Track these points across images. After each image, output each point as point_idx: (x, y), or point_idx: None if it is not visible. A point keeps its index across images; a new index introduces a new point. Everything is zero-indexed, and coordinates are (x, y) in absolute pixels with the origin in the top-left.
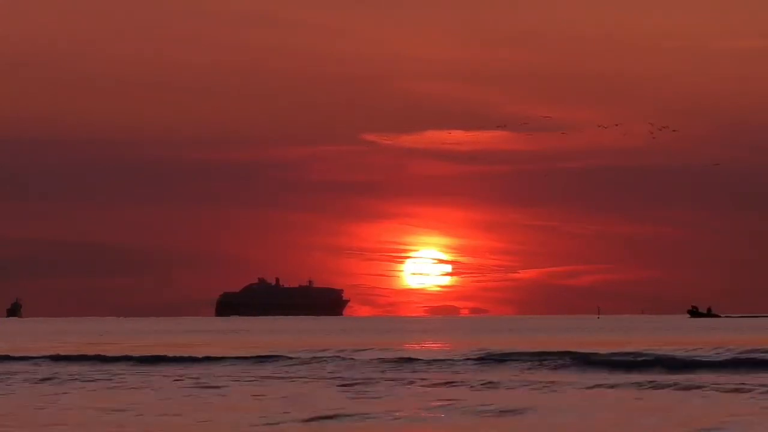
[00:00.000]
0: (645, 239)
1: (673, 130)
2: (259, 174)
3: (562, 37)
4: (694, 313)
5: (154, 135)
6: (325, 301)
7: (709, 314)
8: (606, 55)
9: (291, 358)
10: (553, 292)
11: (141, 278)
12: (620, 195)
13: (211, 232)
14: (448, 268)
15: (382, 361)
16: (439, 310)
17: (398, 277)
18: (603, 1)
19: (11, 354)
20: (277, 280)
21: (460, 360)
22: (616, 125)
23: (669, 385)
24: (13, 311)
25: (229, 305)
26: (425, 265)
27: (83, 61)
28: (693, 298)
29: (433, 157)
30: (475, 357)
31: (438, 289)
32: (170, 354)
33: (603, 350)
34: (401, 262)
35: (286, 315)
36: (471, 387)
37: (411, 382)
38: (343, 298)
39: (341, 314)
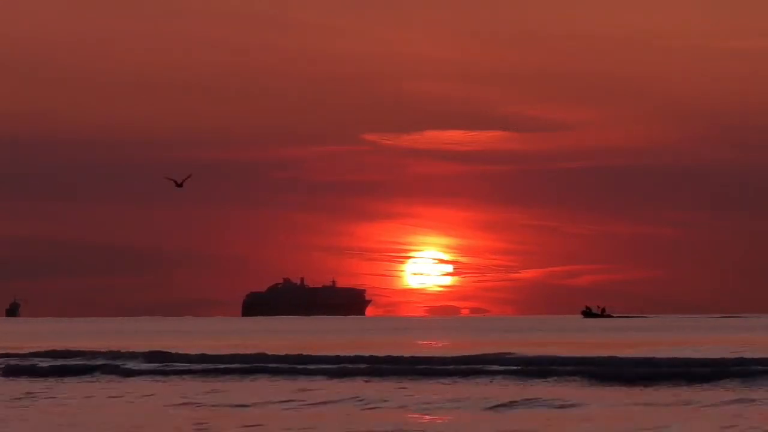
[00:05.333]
0: (645, 239)
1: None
2: (259, 174)
3: (562, 37)
4: (588, 313)
5: (154, 135)
6: (349, 301)
7: (603, 315)
8: (606, 55)
9: None
10: (553, 292)
11: (144, 279)
12: (620, 195)
13: (210, 233)
14: (449, 268)
15: None
16: (439, 310)
17: (399, 277)
18: (603, 1)
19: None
20: (302, 280)
21: None
22: (616, 125)
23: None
24: (12, 311)
25: (255, 305)
26: (426, 265)
27: (83, 61)
28: (693, 298)
29: (433, 157)
30: None
31: (439, 289)
32: None
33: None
34: (402, 262)
35: (311, 315)
36: None
37: None
38: (366, 298)
39: (364, 314)
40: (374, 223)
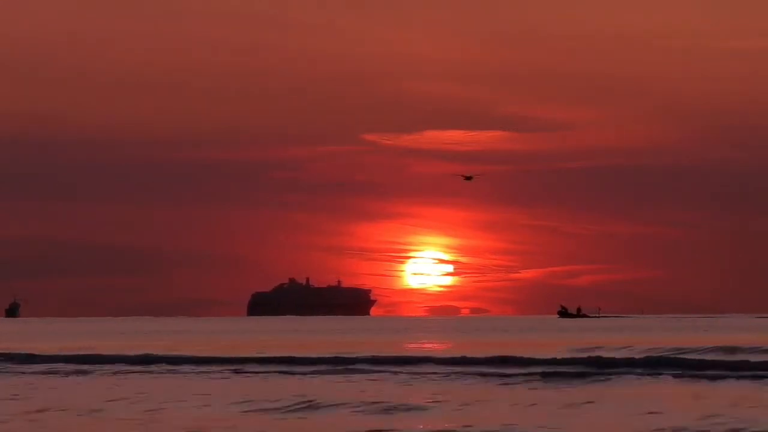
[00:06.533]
0: (645, 239)
1: None
2: (259, 174)
3: (562, 37)
4: (564, 313)
5: (153, 135)
6: (354, 301)
7: (579, 315)
8: (606, 55)
9: None
10: (553, 292)
11: (145, 279)
12: (620, 195)
13: (210, 233)
14: (450, 268)
15: None
16: (439, 310)
17: (399, 277)
18: (603, 1)
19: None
20: (308, 280)
21: None
22: (616, 125)
23: None
24: (12, 311)
25: (260, 305)
26: (426, 265)
27: (83, 61)
28: (693, 298)
29: (433, 157)
30: None
31: (439, 289)
32: None
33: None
34: (402, 262)
35: (316, 315)
36: None
37: None
38: (371, 298)
39: (368, 314)
40: (374, 223)
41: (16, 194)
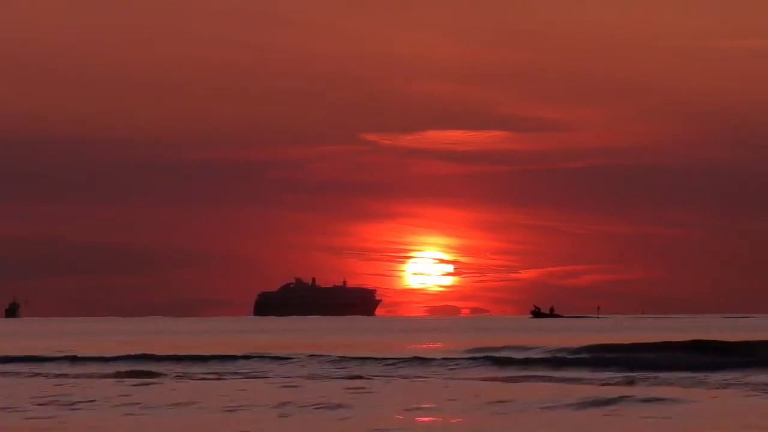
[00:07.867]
0: (645, 239)
1: None
2: (258, 174)
3: (562, 37)
4: (537, 313)
5: (153, 135)
6: (359, 301)
7: (552, 314)
8: (606, 55)
9: None
10: (553, 292)
11: (148, 279)
12: (620, 195)
13: (210, 233)
14: (450, 268)
15: None
16: (439, 310)
17: (399, 277)
18: (603, 1)
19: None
20: (313, 279)
21: None
22: (616, 125)
23: None
24: (12, 311)
25: (267, 305)
26: (426, 265)
27: (83, 61)
28: (693, 298)
29: (433, 157)
30: None
31: (439, 289)
32: None
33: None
34: (402, 263)
35: (322, 315)
36: None
37: None
38: (376, 298)
39: (374, 314)
40: (374, 222)
41: (15, 194)
